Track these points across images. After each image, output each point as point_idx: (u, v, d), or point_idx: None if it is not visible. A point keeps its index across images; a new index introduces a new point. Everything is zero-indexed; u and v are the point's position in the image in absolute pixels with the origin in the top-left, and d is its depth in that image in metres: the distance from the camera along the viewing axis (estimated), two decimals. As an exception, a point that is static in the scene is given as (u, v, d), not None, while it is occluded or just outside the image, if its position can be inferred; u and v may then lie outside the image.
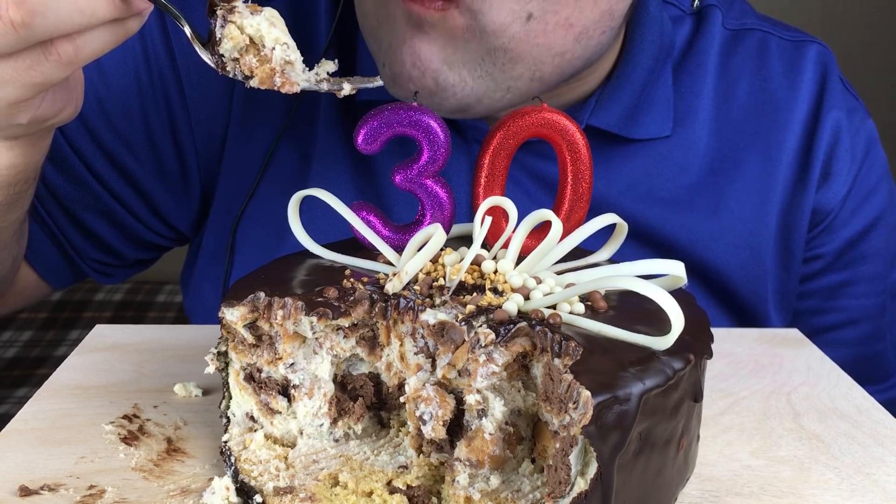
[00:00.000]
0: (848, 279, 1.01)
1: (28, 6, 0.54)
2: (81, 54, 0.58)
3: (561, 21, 0.77)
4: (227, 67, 0.56)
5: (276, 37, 0.55)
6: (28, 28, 0.55)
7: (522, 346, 0.55)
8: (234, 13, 0.55)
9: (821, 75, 0.99)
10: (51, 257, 1.02)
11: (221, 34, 0.55)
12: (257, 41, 0.55)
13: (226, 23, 0.55)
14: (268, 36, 0.55)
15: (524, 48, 0.78)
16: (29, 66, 0.58)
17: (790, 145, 0.97)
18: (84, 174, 0.97)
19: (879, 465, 0.64)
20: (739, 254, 0.96)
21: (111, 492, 0.58)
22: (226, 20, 0.55)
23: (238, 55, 0.55)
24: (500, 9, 0.74)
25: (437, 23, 0.76)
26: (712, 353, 0.58)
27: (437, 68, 0.78)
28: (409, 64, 0.78)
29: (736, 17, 1.01)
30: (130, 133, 0.97)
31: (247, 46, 0.55)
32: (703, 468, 0.63)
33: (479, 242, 0.63)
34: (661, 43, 0.94)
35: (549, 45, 0.78)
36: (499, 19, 0.75)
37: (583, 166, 0.68)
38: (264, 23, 0.55)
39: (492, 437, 0.56)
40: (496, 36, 0.76)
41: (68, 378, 0.75)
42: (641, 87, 0.93)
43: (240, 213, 0.97)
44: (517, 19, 0.75)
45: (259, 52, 0.55)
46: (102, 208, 0.99)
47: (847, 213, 0.98)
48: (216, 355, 0.62)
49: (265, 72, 0.55)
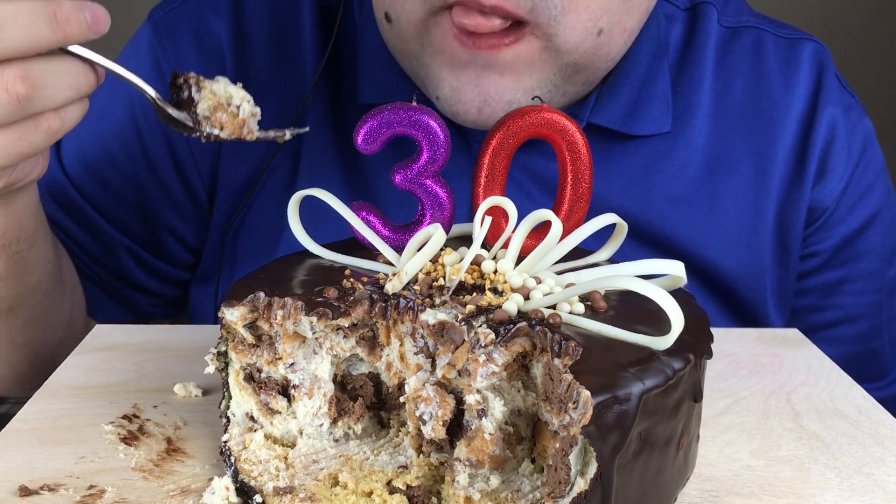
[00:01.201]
0: (845, 276, 1.01)
1: (31, 81, 0.60)
2: (65, 125, 0.64)
3: (621, 29, 0.80)
4: (202, 125, 0.66)
5: (242, 95, 0.66)
6: (29, 101, 0.60)
7: (522, 346, 0.55)
8: (202, 80, 0.65)
9: (817, 73, 0.99)
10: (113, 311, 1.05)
11: (199, 97, 0.65)
12: (225, 101, 0.66)
13: (200, 88, 0.65)
14: (235, 95, 0.66)
15: (590, 60, 0.81)
16: (19, 136, 0.62)
17: (786, 142, 0.97)
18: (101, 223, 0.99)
19: (879, 465, 0.64)
20: (737, 252, 0.96)
21: (111, 492, 0.58)
22: (199, 86, 0.65)
23: (208, 114, 0.65)
24: (574, 28, 0.76)
25: (509, 58, 0.77)
26: (712, 353, 0.58)
27: (511, 99, 0.80)
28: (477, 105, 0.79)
29: (732, 14, 1.01)
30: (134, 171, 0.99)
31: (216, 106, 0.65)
32: (703, 468, 0.63)
33: (479, 242, 0.63)
34: (657, 40, 0.95)
35: (609, 52, 0.82)
36: (574, 39, 0.77)
37: (582, 166, 0.68)
38: (230, 86, 0.66)
39: (492, 437, 0.56)
40: (570, 54, 0.78)
41: (68, 378, 0.75)
42: (640, 84, 0.93)
43: (231, 223, 0.98)
44: (589, 36, 0.78)
45: (226, 110, 0.66)
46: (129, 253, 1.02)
47: (843, 210, 0.99)
48: (216, 355, 0.62)
49: (236, 124, 0.66)
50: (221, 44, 0.96)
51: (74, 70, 0.63)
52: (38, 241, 0.84)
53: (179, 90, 0.65)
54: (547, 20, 0.75)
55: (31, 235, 0.82)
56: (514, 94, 0.79)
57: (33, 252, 0.84)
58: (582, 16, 0.76)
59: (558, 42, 0.77)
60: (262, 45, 0.97)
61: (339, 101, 0.96)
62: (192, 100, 0.65)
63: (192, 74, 0.65)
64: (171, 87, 0.66)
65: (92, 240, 1.00)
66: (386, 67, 0.91)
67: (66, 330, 0.95)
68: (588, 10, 0.76)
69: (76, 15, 0.61)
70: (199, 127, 0.65)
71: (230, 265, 1.00)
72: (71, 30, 0.60)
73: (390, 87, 0.91)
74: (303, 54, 0.97)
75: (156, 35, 0.97)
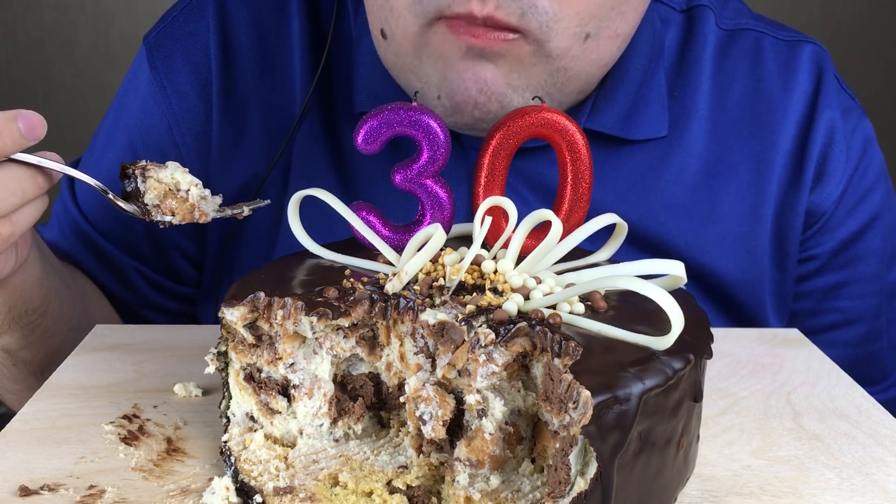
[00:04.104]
0: (843, 280, 1.01)
1: None
2: (18, 229, 0.67)
3: (611, 34, 0.80)
4: (152, 213, 0.67)
5: (190, 179, 0.67)
6: None
7: (522, 346, 0.55)
8: (147, 170, 0.66)
9: (816, 75, 0.98)
10: None
11: (144, 188, 0.66)
12: (173, 187, 0.67)
13: (146, 178, 0.66)
14: (183, 181, 0.67)
15: (581, 65, 0.81)
16: None
17: (784, 146, 0.96)
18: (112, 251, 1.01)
19: (879, 465, 0.64)
20: (735, 256, 0.96)
21: (111, 492, 0.58)
22: (145, 176, 0.66)
23: (158, 202, 0.67)
24: (563, 33, 0.77)
25: (503, 52, 0.78)
26: (712, 353, 0.58)
27: (503, 92, 0.80)
28: (476, 90, 0.79)
29: (730, 16, 1.01)
30: None
31: (165, 192, 0.67)
32: (703, 468, 0.63)
33: (479, 242, 0.63)
34: (653, 43, 0.94)
35: (600, 58, 0.82)
36: (563, 44, 0.78)
37: (582, 166, 0.68)
38: (177, 171, 0.67)
39: (492, 437, 0.56)
40: (559, 58, 0.79)
41: (68, 378, 0.75)
42: (637, 88, 0.93)
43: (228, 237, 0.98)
44: (577, 41, 0.78)
45: (176, 196, 0.67)
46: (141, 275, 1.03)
47: (842, 214, 0.98)
48: (216, 355, 0.62)
49: (185, 209, 0.67)
50: (209, 56, 0.97)
51: (18, 176, 0.65)
52: (50, 308, 0.86)
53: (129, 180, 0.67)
54: (538, 27, 0.76)
55: (39, 306, 0.84)
56: (506, 87, 0.79)
57: (48, 319, 0.86)
58: (571, 21, 0.76)
59: (549, 48, 0.77)
60: (249, 56, 0.97)
61: (330, 111, 0.96)
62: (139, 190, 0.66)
63: (141, 163, 0.66)
64: (121, 179, 0.67)
65: (107, 271, 1.02)
66: (381, 77, 0.91)
67: None
68: (577, 16, 0.76)
69: (7, 127, 0.63)
70: (149, 216, 0.67)
71: (227, 279, 1.00)
72: (3, 142, 0.62)
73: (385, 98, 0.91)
74: (291, 65, 0.97)
75: (149, 57, 0.98)
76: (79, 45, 2.49)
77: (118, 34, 2.47)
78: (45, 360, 0.88)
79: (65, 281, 0.91)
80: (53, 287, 0.86)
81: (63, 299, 0.89)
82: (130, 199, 0.67)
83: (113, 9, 2.46)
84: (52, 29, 2.48)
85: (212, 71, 0.97)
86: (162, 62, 0.97)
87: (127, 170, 0.67)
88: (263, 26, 0.98)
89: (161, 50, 0.98)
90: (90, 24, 2.48)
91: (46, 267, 0.85)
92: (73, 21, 2.47)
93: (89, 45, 2.49)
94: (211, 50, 0.97)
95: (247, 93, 0.97)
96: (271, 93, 0.97)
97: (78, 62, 2.50)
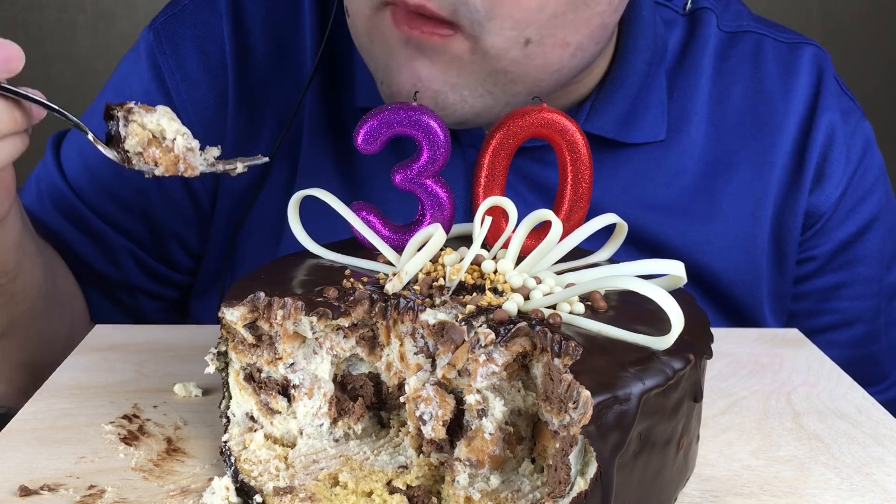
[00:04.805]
0: (842, 281, 1.01)
1: None
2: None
3: (558, 42, 0.79)
4: (133, 161, 0.62)
5: (177, 128, 0.61)
6: None
7: (522, 346, 0.55)
8: (132, 113, 0.61)
9: (816, 77, 0.99)
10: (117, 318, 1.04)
11: (125, 132, 0.61)
12: (158, 135, 0.61)
13: (128, 122, 0.61)
14: (168, 128, 0.61)
15: (524, 69, 0.79)
16: None
17: (784, 148, 0.97)
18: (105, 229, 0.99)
19: (879, 465, 0.64)
20: (734, 256, 0.96)
21: (111, 492, 0.58)
22: (127, 120, 0.61)
23: (141, 149, 0.61)
24: (498, 34, 0.76)
25: (439, 48, 0.77)
26: (712, 353, 0.58)
27: (439, 89, 0.79)
28: (410, 85, 0.79)
29: (731, 19, 1.01)
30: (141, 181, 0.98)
31: (149, 140, 0.61)
32: (703, 468, 0.63)
33: (479, 242, 0.63)
34: (654, 46, 0.94)
35: (547, 64, 0.80)
36: (498, 44, 0.77)
37: (583, 166, 0.68)
38: (163, 118, 0.61)
39: (492, 437, 0.56)
40: (497, 59, 0.78)
41: (68, 378, 0.75)
42: (636, 92, 0.93)
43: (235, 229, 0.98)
44: (515, 44, 0.77)
45: (161, 145, 0.61)
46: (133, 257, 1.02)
47: (841, 215, 0.98)
48: (216, 355, 0.62)
49: (170, 160, 0.62)
50: (223, 47, 0.96)
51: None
52: (22, 273, 0.84)
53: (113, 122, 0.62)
54: (469, 24, 0.75)
55: (12, 269, 0.83)
56: (441, 85, 0.79)
57: (17, 283, 0.84)
58: (506, 23, 0.75)
59: (485, 46, 0.77)
60: (263, 49, 0.97)
61: (337, 104, 0.96)
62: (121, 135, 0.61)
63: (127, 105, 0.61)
64: (105, 119, 0.63)
65: (95, 247, 1.00)
66: None
67: (66, 344, 0.96)
68: (511, 19, 0.75)
69: None
70: (130, 164, 0.62)
71: (230, 271, 1.00)
72: None
73: None
74: (304, 58, 0.97)
75: (157, 40, 0.97)
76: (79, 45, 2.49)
77: (118, 34, 2.47)
78: (7, 327, 0.86)
79: (38, 247, 0.89)
80: (28, 252, 0.85)
81: (35, 266, 0.87)
82: (111, 143, 0.62)
83: (113, 9, 2.46)
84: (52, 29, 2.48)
85: (227, 63, 0.96)
86: (171, 49, 0.96)
87: (112, 111, 0.62)
88: (277, 20, 0.98)
89: (170, 36, 0.97)
90: (90, 24, 2.48)
91: (24, 230, 0.83)
92: (73, 21, 2.47)
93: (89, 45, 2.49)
94: (226, 41, 0.96)
95: (261, 87, 0.97)
96: (284, 88, 0.97)
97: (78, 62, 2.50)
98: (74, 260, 1.00)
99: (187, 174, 0.63)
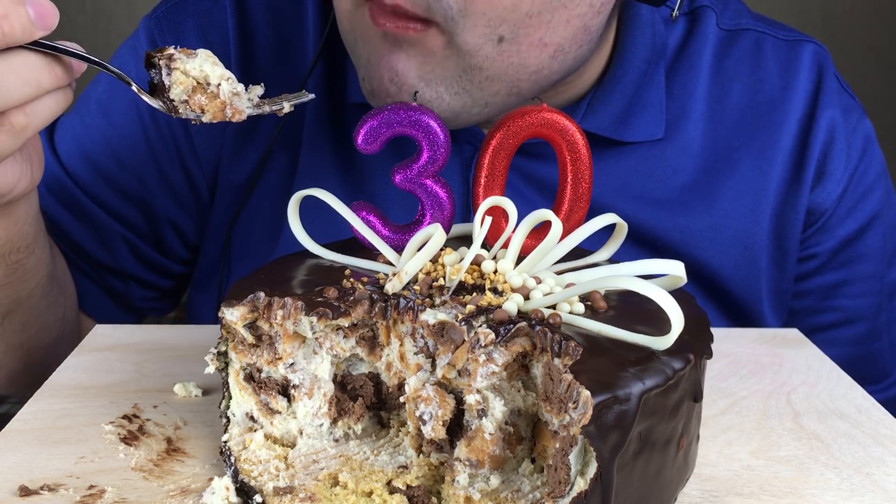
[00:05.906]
0: (843, 279, 1.01)
1: None
2: (33, 122, 0.62)
3: (534, 42, 0.79)
4: (180, 110, 0.60)
5: (220, 73, 0.60)
6: None
7: (522, 346, 0.55)
8: (174, 60, 0.59)
9: (816, 75, 0.99)
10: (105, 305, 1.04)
11: (169, 81, 0.59)
12: (202, 81, 0.60)
13: (171, 70, 0.59)
14: (212, 74, 0.60)
15: (499, 67, 0.80)
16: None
17: (785, 145, 0.97)
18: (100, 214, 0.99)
19: (879, 465, 0.64)
20: (733, 253, 0.96)
21: (111, 492, 0.58)
22: (170, 68, 0.59)
23: (186, 97, 0.60)
24: (471, 31, 0.77)
25: (414, 42, 0.78)
26: (712, 353, 0.58)
27: (414, 84, 0.79)
28: (387, 79, 0.80)
29: (731, 17, 1.01)
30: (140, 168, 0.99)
31: (194, 87, 0.60)
32: (703, 468, 0.63)
33: (479, 242, 0.63)
34: (653, 45, 0.94)
35: (524, 63, 0.80)
36: (471, 40, 0.77)
37: (582, 166, 0.68)
38: (206, 63, 0.60)
39: (492, 437, 0.56)
40: (471, 55, 0.78)
41: (68, 378, 0.75)
42: (634, 90, 0.93)
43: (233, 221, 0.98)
44: (488, 41, 0.78)
45: (206, 91, 0.60)
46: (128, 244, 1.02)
47: (842, 213, 0.98)
48: (216, 355, 0.62)
49: (216, 106, 0.60)
50: (227, 38, 0.96)
51: (32, 64, 0.60)
52: (37, 249, 0.84)
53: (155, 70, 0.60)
54: (444, 20, 0.76)
55: (31, 244, 0.82)
56: (417, 80, 0.79)
57: (32, 259, 0.84)
58: (479, 20, 0.76)
59: (458, 42, 0.77)
60: (265, 41, 0.97)
61: (337, 101, 0.96)
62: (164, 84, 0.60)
63: (169, 51, 0.60)
64: (146, 68, 0.61)
65: (88, 232, 1.00)
66: None
67: (60, 328, 0.95)
68: (485, 17, 0.76)
69: (15, 10, 0.58)
70: (176, 112, 0.60)
71: (227, 270, 1.00)
72: (10, 27, 0.58)
73: None
74: (305, 51, 0.97)
75: (158, 28, 0.97)
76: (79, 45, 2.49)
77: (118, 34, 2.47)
78: (13, 305, 0.86)
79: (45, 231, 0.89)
80: (42, 227, 0.85)
81: (45, 243, 0.87)
82: (156, 93, 0.60)
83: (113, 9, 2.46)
84: (52, 29, 2.48)
85: (230, 54, 0.96)
86: (173, 37, 0.96)
87: (152, 59, 0.60)
88: (280, 13, 0.98)
89: (172, 25, 0.97)
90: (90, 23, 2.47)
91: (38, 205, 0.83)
92: (73, 21, 2.47)
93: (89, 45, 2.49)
94: (229, 31, 0.96)
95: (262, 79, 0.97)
96: (287, 81, 0.97)
97: (78, 62, 2.50)
98: (67, 245, 1.00)
99: (234, 119, 0.62)
